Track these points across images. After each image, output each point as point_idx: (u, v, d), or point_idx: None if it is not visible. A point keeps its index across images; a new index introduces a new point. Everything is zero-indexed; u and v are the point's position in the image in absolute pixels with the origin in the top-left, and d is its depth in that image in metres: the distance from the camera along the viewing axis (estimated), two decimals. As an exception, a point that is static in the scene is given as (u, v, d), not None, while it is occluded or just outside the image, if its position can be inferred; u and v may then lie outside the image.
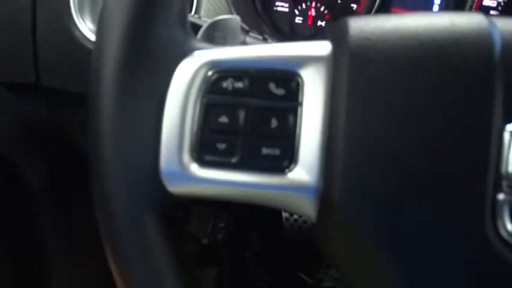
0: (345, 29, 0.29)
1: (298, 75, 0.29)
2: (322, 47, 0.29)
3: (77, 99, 0.44)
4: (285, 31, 0.71)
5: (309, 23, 0.71)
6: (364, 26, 0.28)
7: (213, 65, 0.29)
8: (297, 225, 0.64)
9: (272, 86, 0.29)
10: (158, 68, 0.29)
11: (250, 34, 0.45)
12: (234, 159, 0.29)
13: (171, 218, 0.30)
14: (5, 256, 0.70)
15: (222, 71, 0.29)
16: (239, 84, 0.29)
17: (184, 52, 0.30)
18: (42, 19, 0.54)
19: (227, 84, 0.29)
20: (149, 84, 0.29)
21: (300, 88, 0.29)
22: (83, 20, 0.54)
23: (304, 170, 0.28)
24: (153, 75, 0.29)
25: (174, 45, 0.30)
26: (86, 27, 0.54)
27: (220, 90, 0.29)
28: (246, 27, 0.47)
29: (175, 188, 0.29)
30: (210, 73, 0.29)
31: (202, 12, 0.61)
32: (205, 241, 0.77)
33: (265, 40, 0.46)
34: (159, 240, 0.29)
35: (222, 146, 0.29)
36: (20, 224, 0.70)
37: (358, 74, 0.27)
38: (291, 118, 0.29)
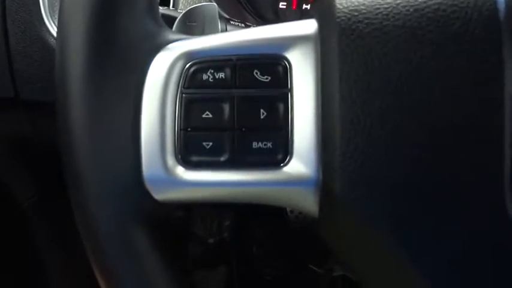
0: (330, 3, 0.27)
1: (284, 58, 0.27)
2: (308, 26, 0.28)
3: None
4: (269, 18, 0.69)
5: (294, 7, 0.69)
6: None
7: (189, 56, 0.27)
8: (302, 216, 0.63)
9: (257, 73, 0.27)
10: (130, 64, 0.27)
11: (231, 22, 0.42)
12: (223, 158, 0.27)
13: (162, 227, 0.28)
14: (3, 272, 0.69)
15: (201, 62, 0.27)
16: (220, 75, 0.27)
17: (158, 45, 0.28)
18: (13, 29, 0.52)
19: (207, 75, 0.27)
20: (122, 83, 0.27)
21: (288, 73, 0.27)
22: (56, 26, 0.51)
23: (301, 162, 0.26)
24: (125, 73, 0.27)
25: (145, 38, 0.28)
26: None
27: (200, 83, 0.27)
28: (226, 15, 0.45)
29: (161, 195, 0.27)
30: (187, 65, 0.27)
31: (180, 6, 0.58)
32: (211, 241, 0.77)
33: (247, 27, 0.44)
34: (150, 253, 0.27)
35: (208, 144, 0.27)
36: (15, 239, 0.69)
37: (349, 51, 0.25)
38: (281, 107, 0.27)
